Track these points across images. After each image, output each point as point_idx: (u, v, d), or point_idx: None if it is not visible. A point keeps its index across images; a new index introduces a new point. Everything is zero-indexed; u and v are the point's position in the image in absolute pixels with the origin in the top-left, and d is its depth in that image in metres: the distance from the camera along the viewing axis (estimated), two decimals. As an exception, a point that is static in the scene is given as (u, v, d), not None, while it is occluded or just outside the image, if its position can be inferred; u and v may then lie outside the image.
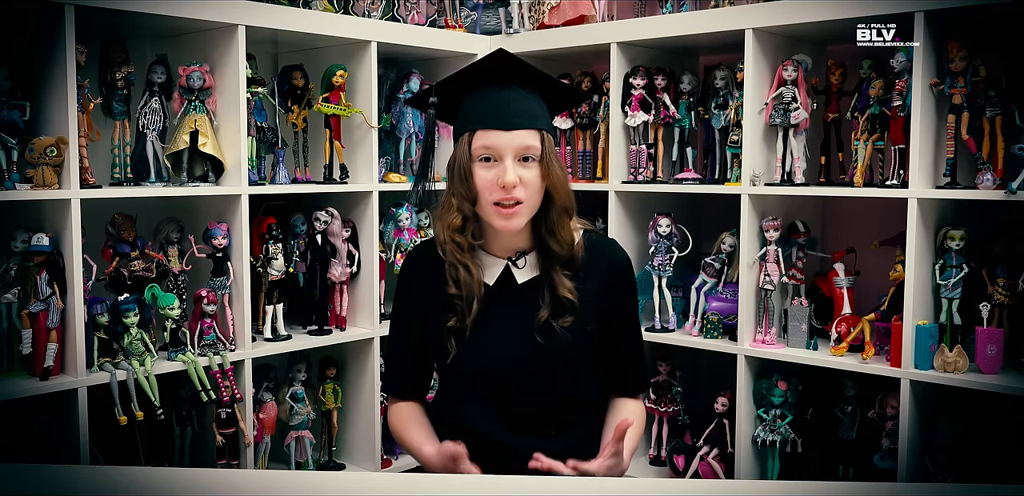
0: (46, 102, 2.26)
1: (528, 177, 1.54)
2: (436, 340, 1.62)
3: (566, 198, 1.60)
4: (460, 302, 1.60)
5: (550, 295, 1.60)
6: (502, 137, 1.54)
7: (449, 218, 1.59)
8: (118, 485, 1.25)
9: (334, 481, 1.39)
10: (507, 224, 1.56)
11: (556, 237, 1.60)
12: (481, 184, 1.55)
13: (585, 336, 1.62)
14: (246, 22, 2.49)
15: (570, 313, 1.59)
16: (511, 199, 1.54)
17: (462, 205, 1.58)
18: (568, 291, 1.59)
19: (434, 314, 1.63)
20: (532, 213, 1.59)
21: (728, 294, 2.80)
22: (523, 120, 1.55)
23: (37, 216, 2.31)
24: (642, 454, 3.05)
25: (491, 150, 1.54)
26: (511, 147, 1.54)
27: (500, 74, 1.59)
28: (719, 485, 1.78)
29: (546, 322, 1.59)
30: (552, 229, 1.60)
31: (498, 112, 1.55)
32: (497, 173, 1.53)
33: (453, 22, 3.17)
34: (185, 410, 2.58)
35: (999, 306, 2.36)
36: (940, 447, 2.41)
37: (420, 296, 1.68)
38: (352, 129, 2.88)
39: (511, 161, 1.54)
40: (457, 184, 1.57)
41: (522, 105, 1.57)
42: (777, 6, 2.52)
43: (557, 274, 1.61)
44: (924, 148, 2.35)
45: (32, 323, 2.24)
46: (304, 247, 2.80)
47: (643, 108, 2.87)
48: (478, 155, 1.55)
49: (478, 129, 1.55)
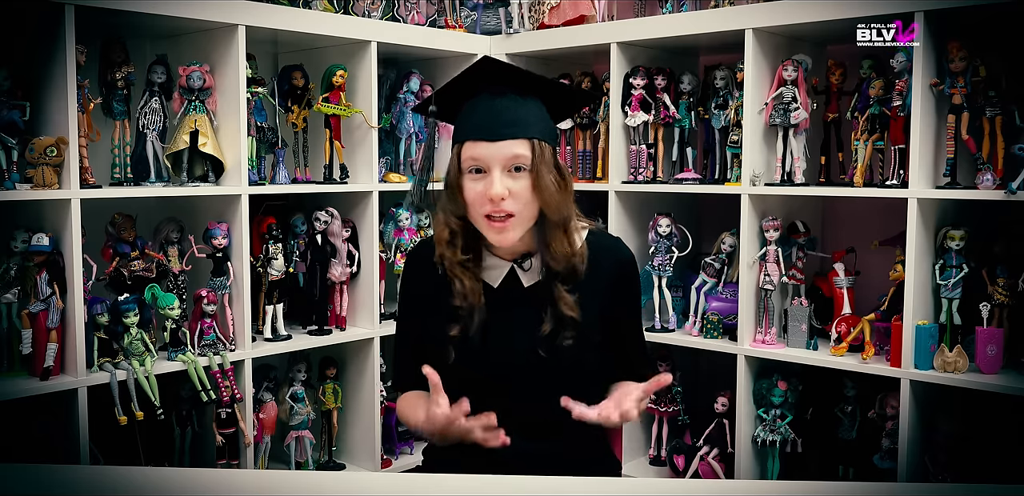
0: (46, 102, 2.26)
1: (517, 188, 1.51)
2: (435, 343, 1.61)
3: (556, 211, 1.54)
4: (461, 312, 1.59)
5: (552, 310, 1.58)
6: (489, 148, 1.51)
7: (440, 231, 1.58)
8: (118, 485, 1.25)
9: (334, 481, 1.39)
10: (500, 238, 1.54)
11: (551, 251, 1.56)
12: (471, 197, 1.52)
13: (586, 349, 1.61)
14: (246, 22, 2.49)
15: (572, 328, 1.57)
16: (501, 212, 1.51)
17: (449, 220, 1.56)
18: (569, 308, 1.57)
19: (433, 317, 1.62)
20: (528, 224, 1.55)
21: (728, 294, 2.80)
22: (512, 130, 1.51)
23: (37, 216, 2.30)
24: (642, 454, 3.05)
25: (479, 161, 1.51)
26: (498, 158, 1.50)
27: (492, 81, 1.56)
28: (719, 485, 1.78)
29: (548, 336, 1.57)
30: (547, 242, 1.57)
31: (486, 122, 1.52)
32: (485, 185, 1.50)
33: (453, 22, 3.17)
34: (185, 410, 2.58)
35: (999, 306, 2.36)
36: (940, 447, 2.41)
37: (420, 295, 1.68)
38: (352, 129, 2.88)
39: (498, 172, 1.50)
40: (445, 199, 1.56)
41: (515, 113, 1.53)
42: (777, 6, 2.52)
43: (557, 289, 1.58)
44: (924, 148, 2.35)
45: (32, 323, 2.24)
46: (304, 247, 2.80)
47: (643, 108, 2.87)
48: (467, 167, 1.53)
49: (467, 140, 1.53)
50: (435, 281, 1.62)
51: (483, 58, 1.58)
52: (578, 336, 1.58)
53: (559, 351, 1.57)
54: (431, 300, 1.63)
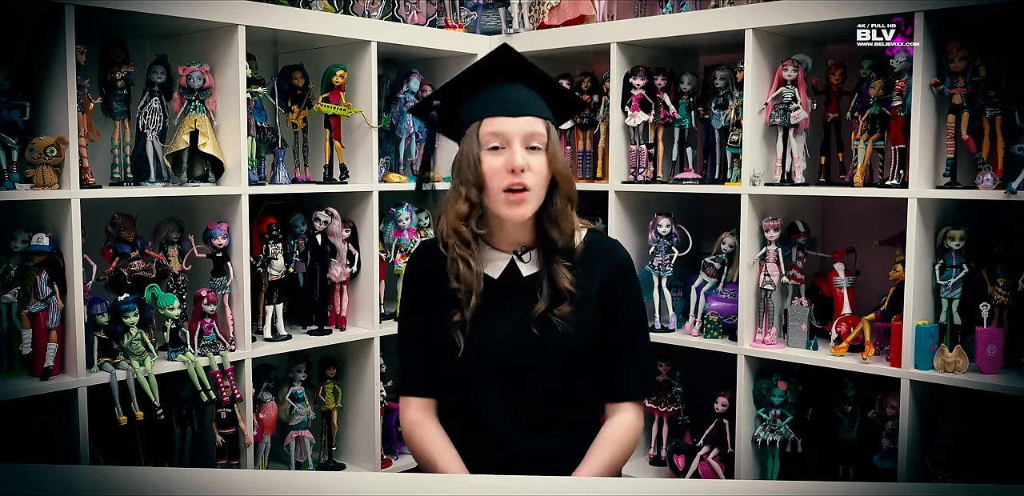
0: (46, 102, 2.26)
1: (535, 164, 1.57)
2: (442, 336, 1.62)
3: (570, 186, 1.63)
4: (460, 296, 1.60)
5: (549, 286, 1.61)
6: (510, 123, 1.57)
7: (456, 206, 1.60)
8: (118, 485, 1.25)
9: (334, 481, 1.39)
10: (515, 212, 1.58)
11: (559, 227, 1.62)
12: (490, 171, 1.57)
13: (583, 328, 1.62)
14: (246, 22, 2.49)
15: (568, 303, 1.60)
16: (520, 184, 1.56)
17: (469, 192, 1.58)
18: (568, 282, 1.60)
19: (439, 311, 1.63)
20: (539, 202, 1.60)
21: (728, 294, 2.80)
22: (531, 108, 1.59)
23: (37, 216, 2.30)
24: (642, 454, 3.05)
25: (499, 136, 1.57)
26: (519, 133, 1.57)
27: (505, 69, 1.62)
28: (719, 485, 1.78)
29: (543, 314, 1.59)
30: (555, 219, 1.62)
31: (505, 100, 1.59)
32: (506, 158, 1.56)
33: (453, 22, 3.17)
34: (185, 410, 2.58)
35: (999, 306, 2.36)
36: (940, 447, 2.41)
37: (425, 294, 1.68)
38: (352, 129, 2.88)
39: (519, 146, 1.56)
40: (465, 171, 1.59)
41: (527, 95, 1.61)
42: (777, 6, 2.52)
43: (557, 265, 1.62)
44: (924, 148, 2.35)
45: (32, 323, 2.24)
46: (304, 247, 2.80)
47: (643, 108, 2.87)
48: (486, 143, 1.57)
49: (486, 117, 1.58)
50: (439, 278, 1.63)
51: (503, 45, 1.64)
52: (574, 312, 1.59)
53: (554, 329, 1.59)
54: (436, 297, 1.64)
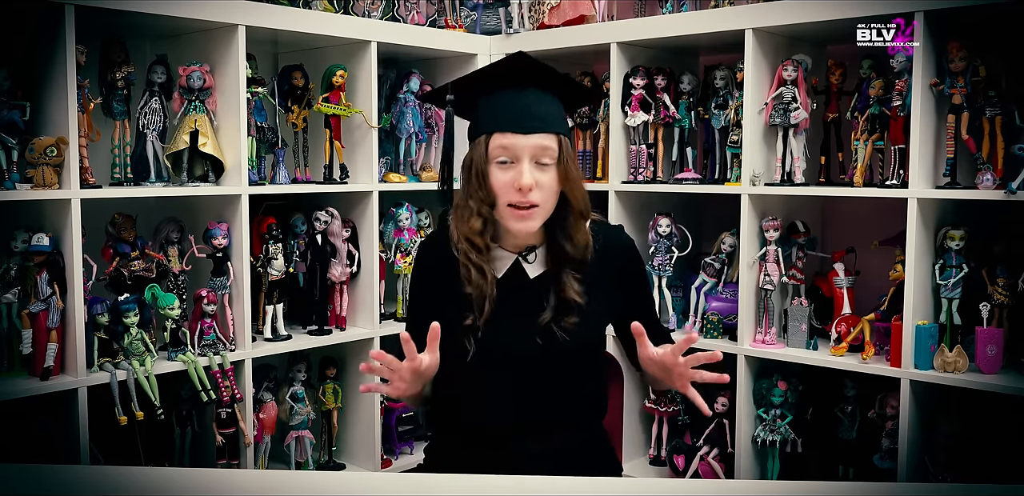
0: (46, 102, 2.26)
1: (544, 180, 1.55)
2: (449, 337, 1.62)
3: (582, 201, 1.61)
4: (473, 300, 1.60)
5: (555, 297, 1.60)
6: (519, 140, 1.54)
7: (469, 221, 1.59)
8: (118, 485, 1.25)
9: (334, 481, 1.39)
10: (522, 227, 1.57)
11: (572, 240, 1.61)
12: (497, 186, 1.55)
13: (589, 338, 1.62)
14: (246, 22, 2.49)
15: (575, 314, 1.59)
16: (526, 202, 1.54)
17: (480, 208, 1.57)
18: (576, 293, 1.59)
19: (448, 308, 1.62)
20: (547, 216, 1.59)
21: (728, 294, 2.80)
22: (541, 124, 1.56)
23: (37, 216, 2.31)
24: (642, 454, 3.05)
25: (508, 152, 1.55)
26: (528, 149, 1.54)
27: (519, 77, 1.59)
28: (719, 485, 1.78)
29: (547, 325, 1.59)
30: (569, 233, 1.61)
31: (516, 115, 1.55)
32: (514, 175, 1.54)
33: (453, 22, 3.17)
34: (185, 410, 2.58)
35: (999, 306, 2.36)
36: (940, 447, 2.41)
37: (434, 287, 1.68)
38: (352, 129, 2.88)
39: (528, 163, 1.54)
40: (475, 186, 1.57)
41: (540, 108, 1.57)
42: (777, 6, 2.52)
43: (566, 275, 1.61)
44: (924, 148, 2.35)
45: (32, 323, 2.24)
46: (304, 247, 2.80)
47: (643, 108, 2.87)
48: (495, 157, 1.56)
49: (495, 131, 1.56)
50: (449, 273, 1.63)
51: (518, 52, 1.60)
52: (583, 322, 1.60)
53: (558, 340, 1.58)
54: (445, 292, 1.64)
